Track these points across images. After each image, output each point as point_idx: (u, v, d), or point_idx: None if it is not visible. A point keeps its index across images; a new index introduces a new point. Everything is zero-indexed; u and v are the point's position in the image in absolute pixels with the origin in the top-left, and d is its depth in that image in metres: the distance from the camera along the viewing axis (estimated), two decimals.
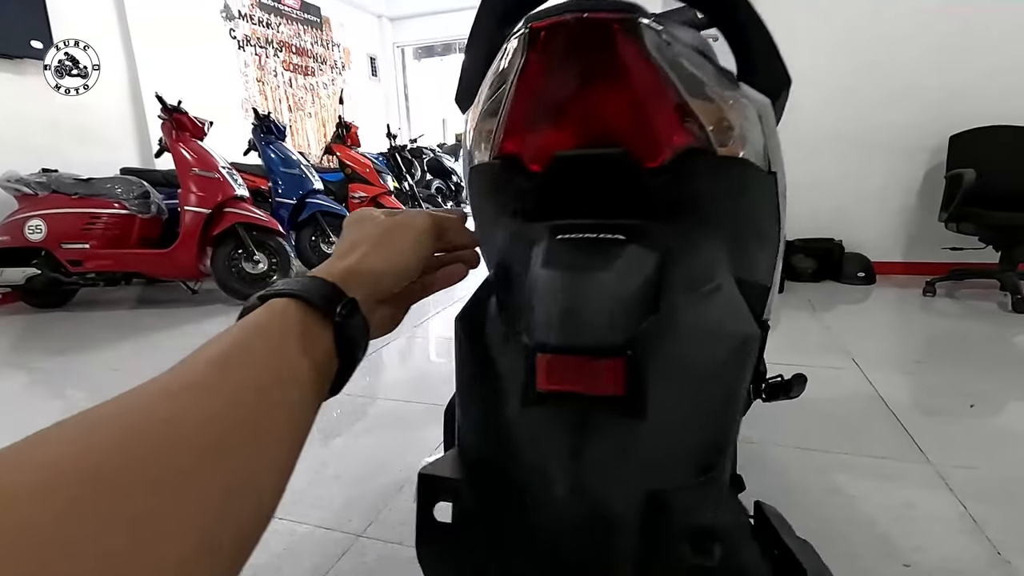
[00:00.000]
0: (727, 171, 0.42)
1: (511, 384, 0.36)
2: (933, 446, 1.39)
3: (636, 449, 0.33)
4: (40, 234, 3.13)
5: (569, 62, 0.37)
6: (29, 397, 2.05)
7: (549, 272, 0.34)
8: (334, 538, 1.12)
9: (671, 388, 0.34)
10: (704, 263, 0.40)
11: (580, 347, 0.32)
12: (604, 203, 0.40)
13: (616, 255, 0.35)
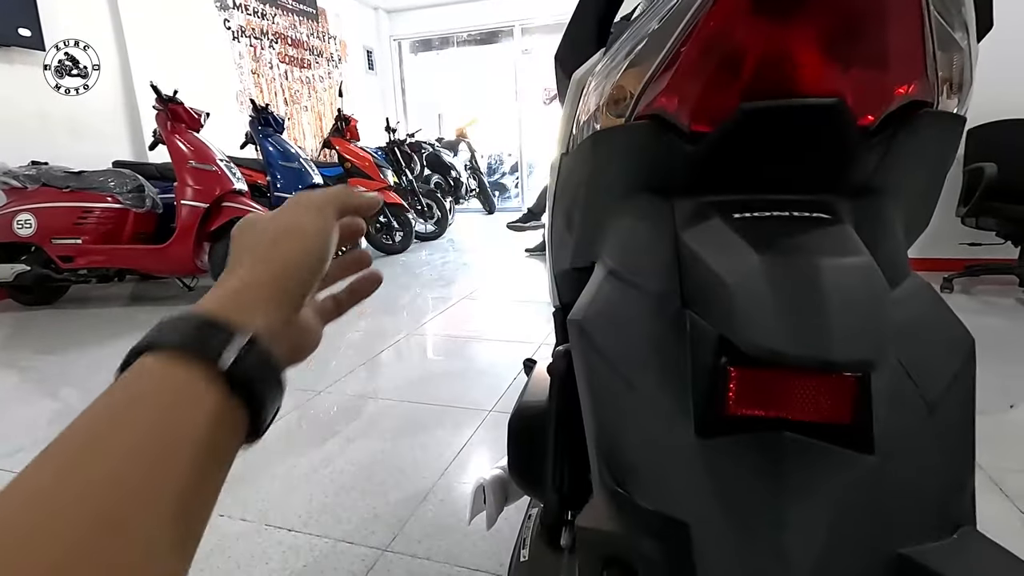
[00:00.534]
0: (943, 130, 0.35)
1: (670, 405, 0.28)
2: (979, 449, 1.32)
3: (873, 496, 0.25)
4: (30, 229, 3.01)
5: None
6: (18, 398, 1.95)
7: (775, 258, 0.26)
8: (359, 553, 1.04)
9: (899, 414, 0.27)
10: (898, 250, 0.33)
11: (826, 361, 0.24)
12: (791, 173, 0.32)
13: (847, 240, 0.27)
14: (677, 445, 0.28)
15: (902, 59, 0.30)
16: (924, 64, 0.30)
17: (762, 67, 0.30)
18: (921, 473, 0.27)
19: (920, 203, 0.39)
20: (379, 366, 2.09)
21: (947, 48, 0.31)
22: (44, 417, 1.77)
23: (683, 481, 0.27)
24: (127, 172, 3.27)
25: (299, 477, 1.32)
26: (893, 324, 0.27)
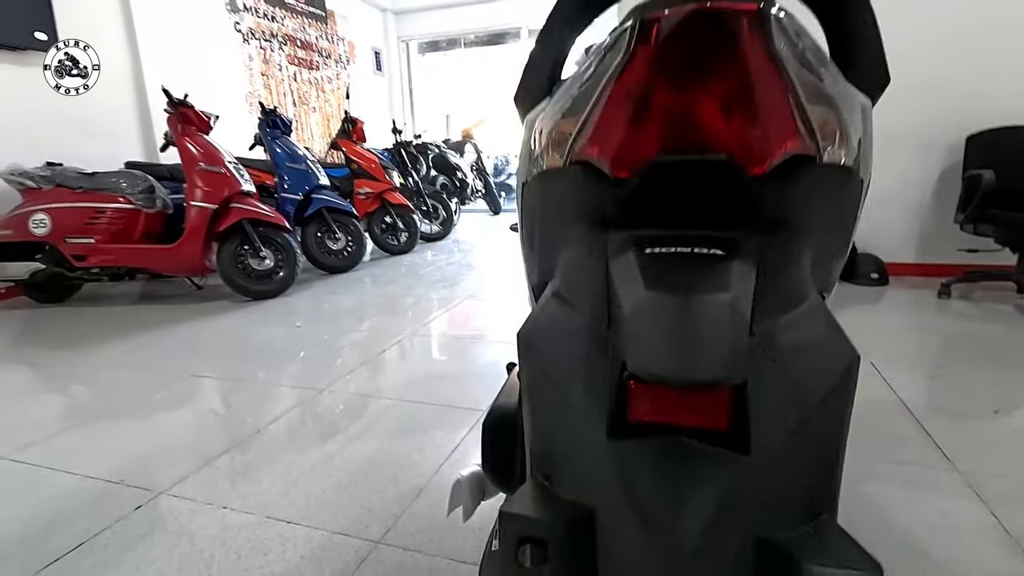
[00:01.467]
0: (828, 179, 0.39)
1: (591, 411, 0.33)
2: (960, 453, 1.35)
3: (743, 489, 0.29)
4: (44, 228, 3.09)
5: (683, 58, 0.33)
6: (30, 393, 2.02)
7: (654, 295, 0.30)
8: (353, 545, 1.09)
9: (775, 421, 0.31)
10: (796, 279, 0.37)
11: (695, 382, 0.28)
12: (698, 214, 0.36)
13: (725, 274, 0.32)
14: (593, 446, 0.32)
15: (776, 121, 0.34)
16: (797, 124, 0.34)
17: (666, 127, 0.34)
18: (791, 472, 0.31)
19: (833, 237, 0.43)
20: (380, 366, 2.14)
21: (825, 108, 0.35)
22: (55, 413, 1.83)
23: (594, 476, 0.32)
24: (138, 173, 3.34)
25: (299, 473, 1.37)
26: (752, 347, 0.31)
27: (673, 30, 0.32)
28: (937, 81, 2.97)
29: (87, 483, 1.35)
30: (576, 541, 0.30)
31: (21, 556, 1.09)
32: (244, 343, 2.55)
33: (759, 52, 0.32)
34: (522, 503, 0.32)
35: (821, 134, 0.35)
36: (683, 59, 0.33)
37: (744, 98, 0.33)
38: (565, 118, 0.39)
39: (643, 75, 0.34)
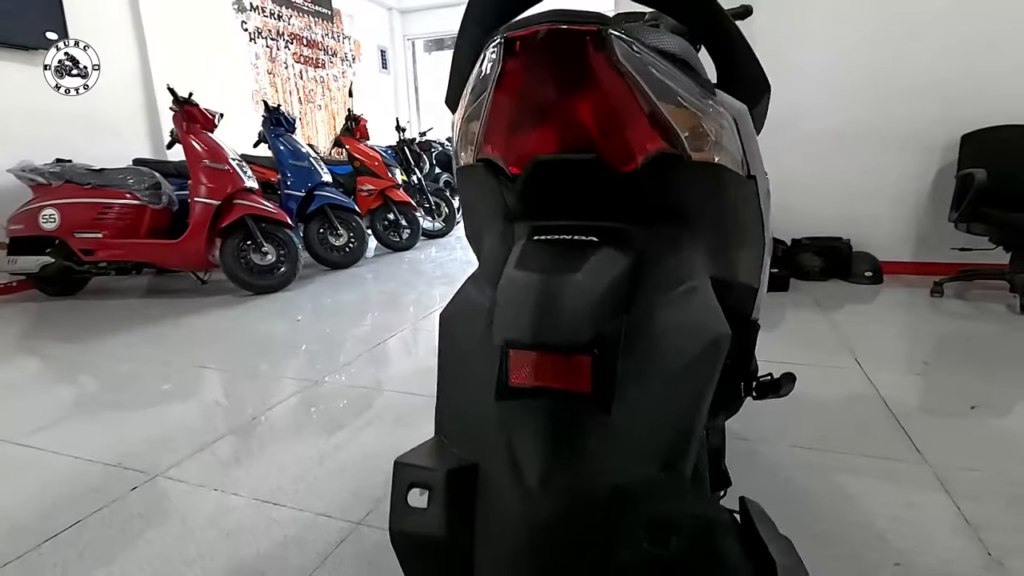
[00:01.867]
0: (701, 176, 0.43)
1: (487, 378, 0.37)
2: (931, 447, 1.39)
3: (602, 444, 0.34)
4: (54, 223, 3.18)
5: (543, 71, 0.38)
6: (40, 382, 2.10)
7: (521, 273, 0.35)
8: (336, 526, 1.14)
9: (639, 385, 0.35)
10: (679, 265, 0.41)
11: (548, 345, 0.33)
12: (581, 206, 0.41)
13: (587, 257, 0.36)
14: (483, 408, 0.37)
15: (635, 124, 0.39)
16: (657, 127, 0.39)
17: (542, 129, 0.39)
18: (649, 430, 0.36)
19: (726, 229, 0.48)
20: (377, 359, 2.20)
21: (686, 113, 0.40)
22: (63, 400, 1.91)
23: (481, 433, 0.37)
24: (145, 170, 3.42)
25: (291, 459, 1.43)
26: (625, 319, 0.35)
27: (531, 47, 0.37)
28: (933, 80, 2.98)
29: (88, 466, 1.42)
30: (456, 487, 0.35)
31: (25, 531, 1.16)
32: (246, 336, 2.61)
33: (605, 66, 0.37)
34: (416, 455, 0.37)
35: (688, 135, 0.40)
36: (543, 71, 0.38)
37: (601, 105, 0.37)
38: (470, 120, 0.44)
39: (514, 85, 0.38)
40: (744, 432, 1.49)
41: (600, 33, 0.36)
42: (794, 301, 2.83)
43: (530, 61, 0.37)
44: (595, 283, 0.34)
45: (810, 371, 1.91)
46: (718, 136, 0.43)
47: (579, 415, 0.35)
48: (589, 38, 0.36)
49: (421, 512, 0.35)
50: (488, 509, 0.35)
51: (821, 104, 3.21)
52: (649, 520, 0.32)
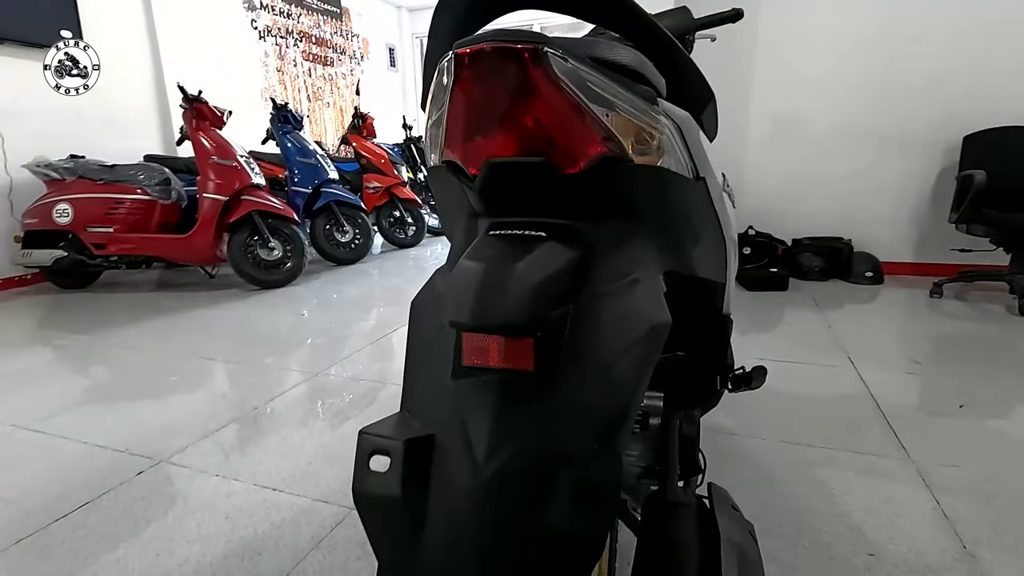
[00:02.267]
0: (644, 178, 0.47)
1: (446, 359, 0.41)
2: (917, 444, 1.41)
3: (543, 418, 0.38)
4: (67, 218, 3.26)
5: (490, 84, 0.42)
6: (52, 371, 2.16)
7: (469, 262, 0.39)
8: (331, 511, 1.19)
9: (581, 366, 0.39)
10: (624, 259, 0.44)
11: (487, 327, 0.36)
12: (533, 205, 0.45)
13: (531, 249, 0.40)
14: (441, 386, 0.41)
15: (578, 131, 0.42)
16: (598, 134, 0.42)
17: (500, 134, 0.43)
18: (587, 406, 0.39)
19: (676, 227, 0.51)
20: (379, 352, 2.25)
21: (627, 121, 0.43)
22: (74, 388, 1.97)
23: (438, 408, 0.41)
24: (155, 166, 3.49)
25: (290, 447, 1.48)
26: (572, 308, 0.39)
27: (478, 62, 0.41)
28: (935, 81, 2.98)
29: (96, 451, 1.48)
30: (413, 454, 0.39)
31: (36, 511, 1.22)
32: (251, 329, 2.67)
33: (544, 79, 0.40)
34: (379, 427, 0.41)
35: (634, 140, 0.43)
36: (489, 84, 0.42)
37: (545, 113, 0.41)
38: (435, 125, 0.48)
39: (466, 95, 0.42)
40: (734, 428, 1.52)
41: (536, 50, 0.39)
42: (792, 301, 2.85)
43: (477, 75, 0.41)
44: (536, 272, 0.38)
45: (804, 370, 1.93)
46: (660, 141, 0.46)
47: (524, 392, 0.39)
48: (527, 55, 0.40)
49: (381, 475, 0.39)
50: (440, 473, 0.38)
51: (822, 105, 3.21)
52: (576, 484, 0.36)
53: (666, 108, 0.48)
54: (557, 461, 0.37)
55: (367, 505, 0.39)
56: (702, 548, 0.54)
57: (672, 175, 0.48)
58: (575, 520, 0.35)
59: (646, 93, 0.46)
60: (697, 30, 1.22)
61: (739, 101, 3.33)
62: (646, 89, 0.46)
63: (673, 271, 0.53)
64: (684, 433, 0.84)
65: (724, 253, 0.68)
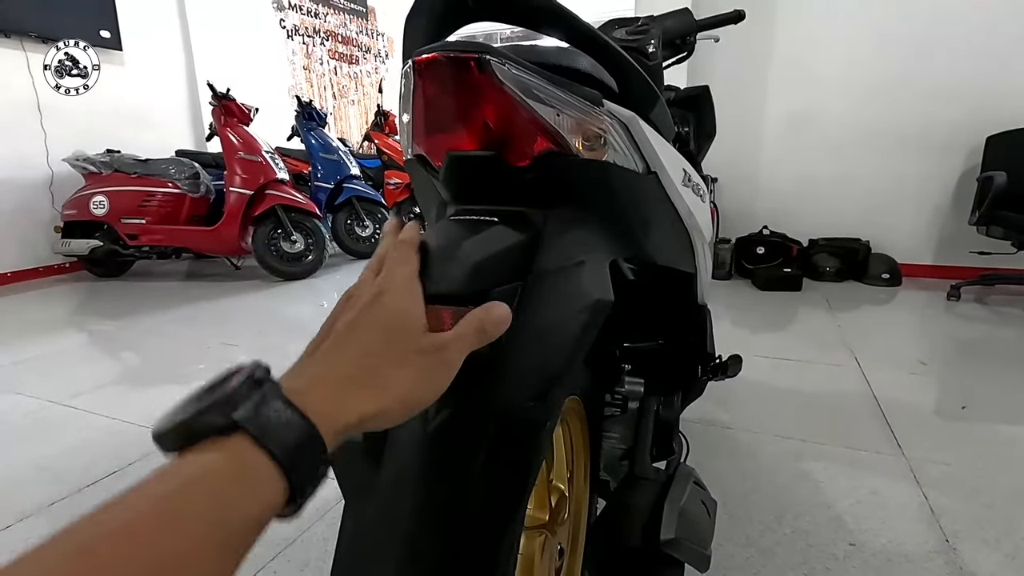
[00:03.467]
0: (589, 171, 0.52)
1: None
2: (912, 442, 1.42)
3: (488, 379, 0.43)
4: (103, 209, 3.42)
5: (443, 88, 0.47)
6: (84, 354, 2.30)
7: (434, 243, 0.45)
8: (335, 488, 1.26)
9: (525, 335, 0.44)
10: (572, 243, 0.49)
11: (436, 295, 0.42)
12: (489, 194, 0.50)
13: (480, 231, 0.45)
14: None
15: (524, 128, 0.48)
16: (544, 131, 0.48)
17: (458, 131, 0.48)
18: (528, 370, 0.44)
19: (625, 216, 0.56)
20: None
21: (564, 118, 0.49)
22: (103, 370, 2.10)
23: None
24: (186, 160, 3.64)
25: None
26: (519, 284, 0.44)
27: (431, 69, 0.46)
28: (958, 81, 2.93)
29: (123, 427, 1.58)
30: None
31: (69, 478, 1.32)
32: (273, 318, 2.78)
33: (488, 84, 0.46)
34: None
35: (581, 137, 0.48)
36: (443, 88, 0.47)
37: (493, 114, 0.47)
38: (406, 121, 0.54)
39: (424, 98, 0.48)
40: (729, 422, 1.55)
41: (480, 59, 0.45)
42: (804, 300, 2.84)
43: (433, 80, 0.47)
44: (482, 249, 0.43)
45: (807, 368, 1.95)
46: (606, 139, 0.51)
47: (471, 358, 0.44)
48: (472, 63, 0.45)
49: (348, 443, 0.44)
50: (397, 427, 0.44)
51: (840, 105, 3.19)
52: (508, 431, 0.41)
53: (611, 109, 0.53)
54: (495, 414, 0.42)
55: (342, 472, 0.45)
56: (651, 516, 0.59)
57: (618, 169, 0.53)
58: (504, 464, 0.41)
59: (590, 95, 0.51)
60: (699, 31, 1.26)
61: (755, 101, 3.32)
62: (591, 91, 0.51)
63: (628, 258, 0.58)
64: (662, 417, 0.88)
65: (690, 245, 0.72)
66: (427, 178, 0.56)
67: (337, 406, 0.30)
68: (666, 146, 0.62)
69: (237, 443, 0.26)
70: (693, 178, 0.71)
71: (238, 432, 0.27)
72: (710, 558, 0.56)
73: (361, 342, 0.33)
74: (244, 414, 0.27)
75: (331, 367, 0.32)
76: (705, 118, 1.21)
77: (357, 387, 0.32)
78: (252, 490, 0.26)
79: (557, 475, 0.69)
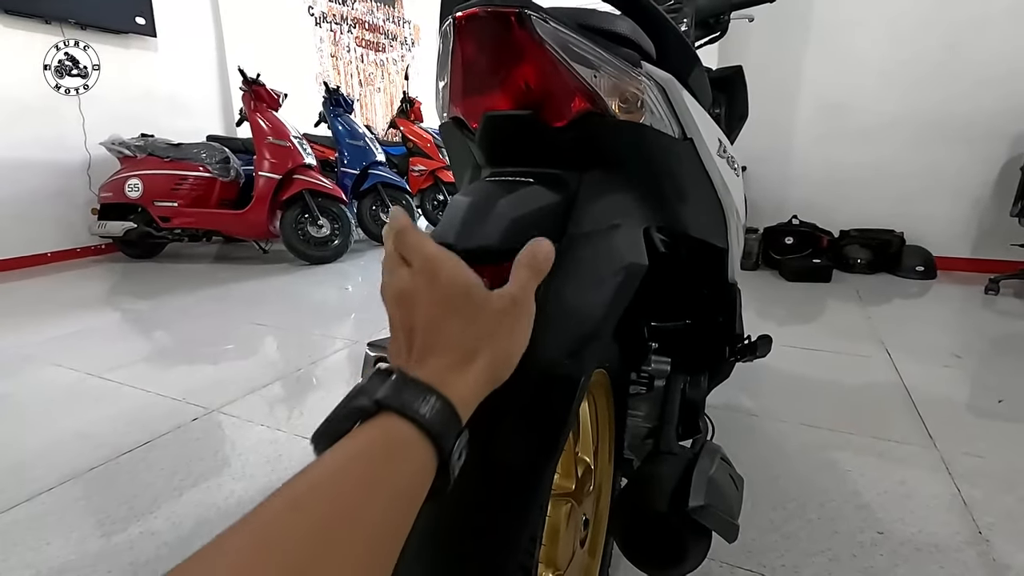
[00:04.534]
0: (625, 133, 0.51)
1: None
2: (945, 434, 1.39)
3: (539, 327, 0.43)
4: (137, 192, 3.51)
5: (482, 43, 0.47)
6: (118, 332, 2.37)
7: (461, 197, 0.45)
8: None
9: (559, 296, 0.44)
10: (606, 207, 0.49)
11: (467, 249, 0.42)
12: (525, 155, 0.50)
13: (515, 190, 0.45)
14: None
15: (562, 87, 0.47)
16: (581, 91, 0.47)
17: (495, 90, 0.48)
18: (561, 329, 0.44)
19: (659, 182, 0.55)
20: None
21: (609, 80, 0.48)
22: (139, 345, 2.16)
23: None
24: (216, 145, 3.71)
25: (328, 404, 1.58)
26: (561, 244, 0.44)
27: (472, 25, 0.46)
28: (1002, 67, 2.81)
29: (157, 399, 1.63)
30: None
31: (107, 445, 1.37)
32: (299, 300, 2.83)
33: (528, 40, 0.45)
34: (383, 341, 0.47)
35: (618, 99, 0.48)
36: (482, 45, 0.47)
37: (532, 72, 0.46)
38: (443, 85, 0.54)
39: (463, 55, 0.48)
40: (755, 410, 1.53)
41: (521, 14, 0.45)
42: (834, 292, 2.78)
43: (472, 36, 0.47)
44: (516, 208, 0.44)
45: (835, 359, 1.91)
46: (643, 100, 0.51)
47: None
48: (513, 17, 0.45)
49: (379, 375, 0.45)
50: None
51: (878, 90, 3.09)
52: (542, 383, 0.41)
53: (649, 71, 0.52)
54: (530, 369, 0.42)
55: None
56: (679, 484, 0.59)
57: (654, 132, 0.53)
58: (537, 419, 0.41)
59: (629, 56, 0.50)
60: (732, 10, 1.23)
61: (788, 86, 3.24)
62: (629, 52, 0.50)
63: (662, 227, 0.57)
64: (688, 397, 0.88)
65: (723, 219, 0.71)
66: (462, 141, 0.56)
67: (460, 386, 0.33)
68: (702, 113, 0.61)
69: (384, 420, 0.29)
70: (728, 149, 0.70)
71: (383, 412, 0.30)
72: (738, 528, 0.55)
73: (449, 330, 0.35)
74: (385, 394, 0.30)
75: (440, 362, 0.34)
76: (738, 99, 1.19)
77: (468, 366, 0.34)
78: (405, 456, 0.28)
79: (583, 448, 0.69)
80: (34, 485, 1.22)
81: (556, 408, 0.41)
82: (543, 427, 0.41)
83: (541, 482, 0.41)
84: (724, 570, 0.95)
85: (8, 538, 1.05)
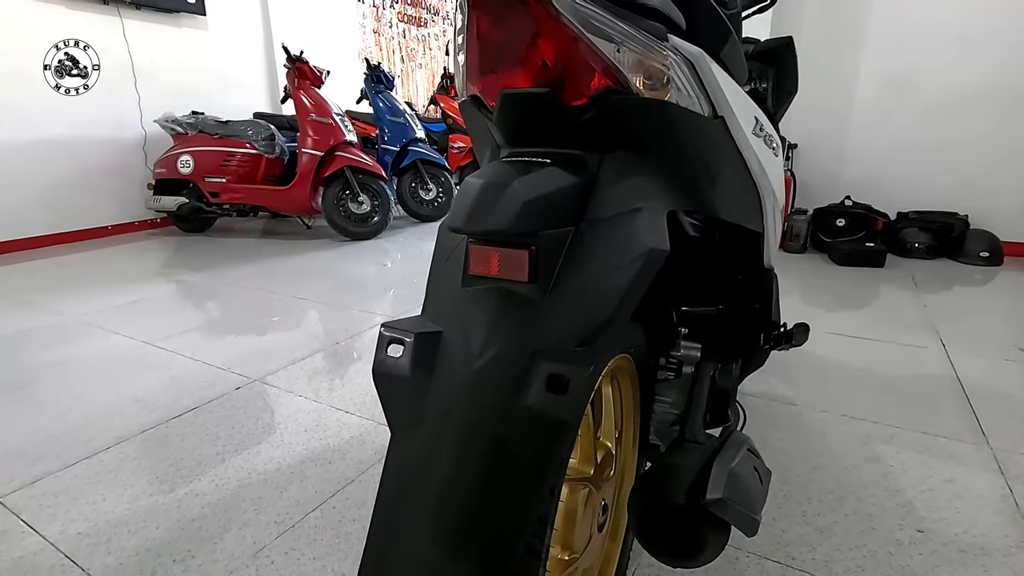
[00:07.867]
0: (650, 112, 0.49)
1: (458, 270, 0.47)
2: (1000, 432, 1.31)
3: (533, 322, 0.42)
4: (189, 168, 3.65)
5: (499, 17, 0.45)
6: (171, 303, 2.49)
7: (474, 179, 0.44)
8: None
9: (575, 280, 0.43)
10: (627, 189, 0.47)
11: (479, 232, 0.41)
12: (542, 135, 0.49)
13: (530, 171, 0.44)
14: (453, 291, 0.47)
15: (581, 64, 0.45)
16: (604, 68, 0.45)
17: (513, 68, 0.46)
18: (575, 315, 0.43)
19: (689, 163, 0.53)
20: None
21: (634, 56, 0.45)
22: (190, 316, 2.27)
23: (448, 310, 0.47)
24: (262, 122, 3.80)
25: (363, 377, 1.63)
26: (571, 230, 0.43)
27: (485, 3, 0.44)
28: None
29: (205, 368, 1.71)
30: (422, 345, 0.45)
31: (159, 409, 1.45)
32: (340, 275, 2.90)
33: (546, 15, 0.43)
34: (397, 323, 0.47)
35: (642, 75, 0.45)
36: (499, 20, 0.45)
37: (550, 47, 0.44)
38: (461, 66, 0.53)
39: (480, 31, 0.47)
40: (794, 399, 1.48)
41: None
42: (887, 278, 2.64)
43: (487, 10, 0.46)
44: (530, 190, 0.42)
45: (884, 348, 1.82)
46: (669, 77, 0.48)
47: (519, 300, 0.44)
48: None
49: (395, 360, 0.45)
50: (443, 362, 0.45)
51: (944, 63, 2.87)
52: (552, 375, 0.40)
53: (676, 44, 0.49)
54: (539, 355, 0.42)
55: (382, 383, 0.46)
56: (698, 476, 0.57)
57: (681, 111, 0.50)
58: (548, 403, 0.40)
59: (655, 29, 0.47)
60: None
61: (847, 58, 3.05)
62: (655, 25, 0.48)
63: (689, 211, 0.55)
64: (718, 384, 0.85)
65: (758, 201, 0.68)
66: (481, 120, 0.55)
67: None
68: (736, 89, 0.58)
69: None
70: (766, 128, 0.66)
71: None
72: (759, 523, 0.54)
73: None
74: None
75: None
76: (786, 73, 1.12)
77: None
78: None
79: (605, 432, 0.68)
80: (93, 444, 1.30)
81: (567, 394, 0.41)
82: (550, 415, 0.40)
83: (549, 465, 0.41)
84: (751, 560, 0.93)
85: (70, 492, 1.13)
